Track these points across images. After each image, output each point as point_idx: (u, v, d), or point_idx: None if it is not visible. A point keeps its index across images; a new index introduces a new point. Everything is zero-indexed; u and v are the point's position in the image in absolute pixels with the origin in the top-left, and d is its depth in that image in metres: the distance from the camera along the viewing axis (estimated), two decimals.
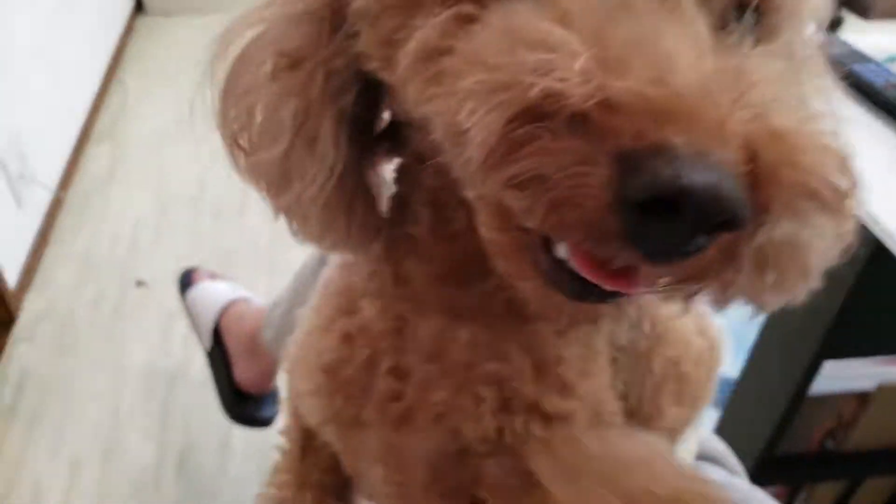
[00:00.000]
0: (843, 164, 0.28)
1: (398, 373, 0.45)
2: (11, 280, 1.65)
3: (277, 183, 0.39)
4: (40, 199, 1.88)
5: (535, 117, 0.25)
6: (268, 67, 0.37)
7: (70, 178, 2.09)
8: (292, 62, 0.37)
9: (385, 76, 0.34)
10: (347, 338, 0.47)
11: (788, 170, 0.26)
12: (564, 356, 0.43)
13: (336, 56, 0.36)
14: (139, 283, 1.79)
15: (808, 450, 1.19)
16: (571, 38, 0.26)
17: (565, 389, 0.43)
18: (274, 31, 0.38)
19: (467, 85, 0.27)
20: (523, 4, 0.28)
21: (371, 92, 0.38)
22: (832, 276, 0.35)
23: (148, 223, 2.00)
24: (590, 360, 0.44)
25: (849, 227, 0.36)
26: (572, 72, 0.25)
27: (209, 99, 0.39)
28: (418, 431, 0.45)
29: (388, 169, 0.44)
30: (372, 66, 0.35)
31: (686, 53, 0.26)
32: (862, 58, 0.94)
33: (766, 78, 0.28)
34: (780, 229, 0.28)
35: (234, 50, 0.38)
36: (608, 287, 0.29)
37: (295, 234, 0.42)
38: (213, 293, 1.30)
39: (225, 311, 1.26)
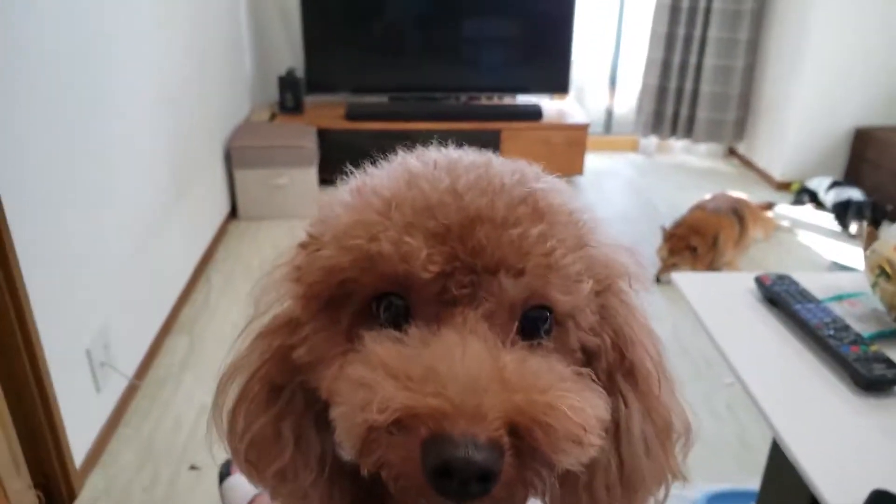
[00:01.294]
0: (575, 417, 0.44)
1: None
2: (78, 459, 1.82)
3: (280, 479, 0.57)
4: (117, 385, 2.10)
5: (375, 430, 0.43)
6: (262, 396, 0.56)
7: (147, 366, 2.33)
8: (276, 389, 0.56)
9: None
10: None
11: (538, 427, 0.42)
12: None
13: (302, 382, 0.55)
14: (192, 468, 1.93)
15: None
16: (380, 378, 0.44)
17: None
18: (259, 370, 0.56)
19: (337, 413, 0.46)
20: (361, 358, 0.46)
21: None
22: None
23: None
24: None
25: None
26: (387, 400, 0.42)
27: (218, 440, 0.58)
28: None
29: None
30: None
31: (459, 367, 0.43)
32: (805, 297, 1.04)
33: (527, 371, 0.45)
34: (559, 465, 0.44)
35: (233, 392, 0.57)
36: None
37: None
38: (245, 484, 1.43)
39: (253, 500, 1.39)
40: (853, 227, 3.50)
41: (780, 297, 1.06)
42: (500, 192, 0.49)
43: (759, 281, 1.11)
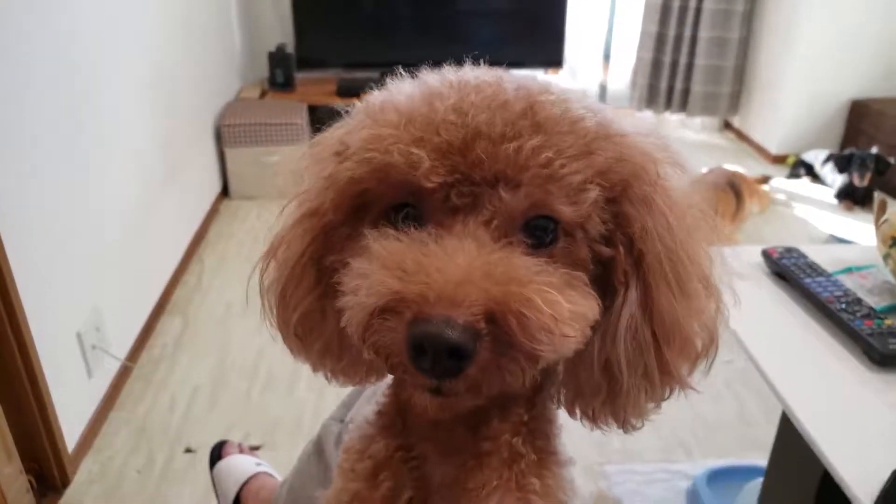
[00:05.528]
0: (547, 308, 0.46)
1: None
2: (71, 444, 1.80)
3: (324, 353, 0.61)
4: (110, 368, 2.07)
5: (373, 315, 0.47)
6: (310, 274, 0.59)
7: (140, 348, 2.30)
8: (322, 269, 0.58)
9: None
10: (372, 474, 0.63)
11: (512, 315, 0.46)
12: None
13: None
14: (187, 450, 1.91)
15: None
16: (376, 269, 0.48)
17: None
18: (307, 249, 0.59)
19: (342, 303, 0.51)
20: (364, 253, 0.51)
21: None
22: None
23: (205, 392, 2.15)
24: None
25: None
26: (378, 285, 0.47)
27: (265, 303, 0.62)
28: None
29: None
30: None
31: (448, 262, 0.47)
32: (814, 271, 1.02)
33: (511, 267, 0.47)
34: (536, 355, 0.47)
35: (276, 267, 0.61)
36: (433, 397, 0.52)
37: (333, 378, 0.64)
38: (237, 467, 1.40)
39: (246, 484, 1.36)
40: (856, 178, 3.47)
41: (788, 270, 1.03)
42: (501, 109, 0.51)
43: (767, 254, 1.08)
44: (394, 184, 0.52)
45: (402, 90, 0.56)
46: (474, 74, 0.56)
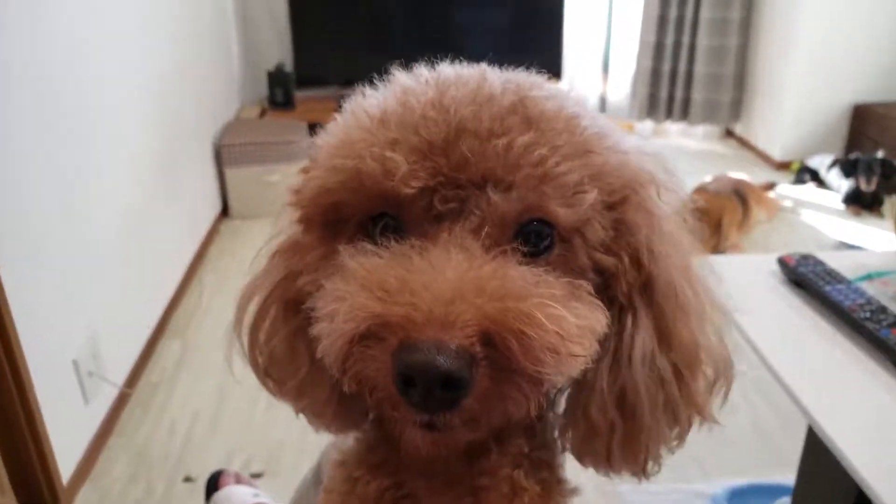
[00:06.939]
0: (551, 325, 0.41)
1: None
2: (66, 474, 1.74)
3: (297, 395, 0.56)
4: (107, 394, 2.02)
5: (352, 342, 0.42)
6: (278, 314, 0.55)
7: (139, 373, 2.25)
8: (292, 306, 0.54)
9: None
10: None
11: (511, 335, 0.40)
12: None
13: None
14: (187, 479, 1.86)
15: None
16: (353, 290, 0.43)
17: None
18: (274, 290, 0.56)
19: (316, 330, 0.45)
20: (339, 273, 0.45)
21: None
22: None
23: (205, 416, 2.10)
24: None
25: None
26: (357, 310, 0.41)
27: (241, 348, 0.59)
28: None
29: None
30: None
31: (435, 277, 0.42)
32: (834, 278, 0.97)
33: (506, 280, 0.42)
34: (541, 378, 0.42)
35: (252, 310, 0.57)
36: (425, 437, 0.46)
37: (311, 423, 0.59)
38: (234, 498, 1.35)
39: None
40: (863, 183, 3.42)
41: (806, 278, 0.98)
42: (487, 103, 0.46)
43: (783, 262, 1.04)
44: (368, 193, 0.46)
45: (374, 94, 0.52)
46: (454, 70, 0.52)
